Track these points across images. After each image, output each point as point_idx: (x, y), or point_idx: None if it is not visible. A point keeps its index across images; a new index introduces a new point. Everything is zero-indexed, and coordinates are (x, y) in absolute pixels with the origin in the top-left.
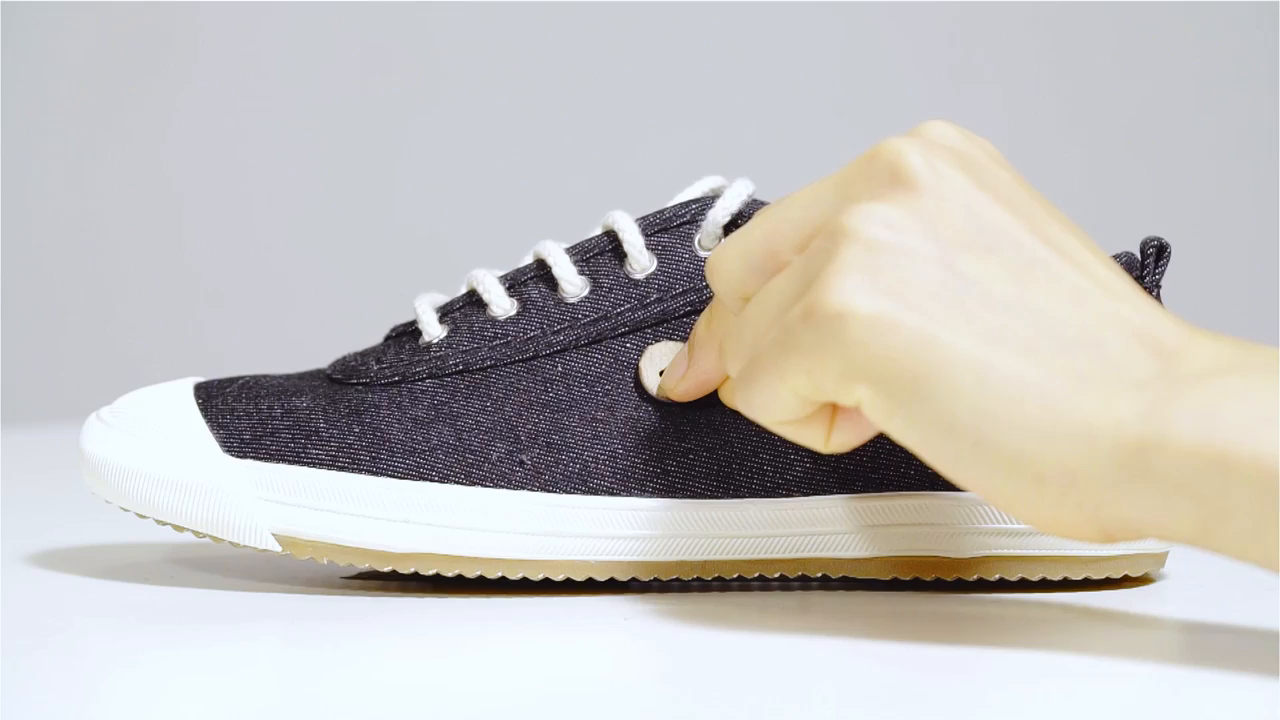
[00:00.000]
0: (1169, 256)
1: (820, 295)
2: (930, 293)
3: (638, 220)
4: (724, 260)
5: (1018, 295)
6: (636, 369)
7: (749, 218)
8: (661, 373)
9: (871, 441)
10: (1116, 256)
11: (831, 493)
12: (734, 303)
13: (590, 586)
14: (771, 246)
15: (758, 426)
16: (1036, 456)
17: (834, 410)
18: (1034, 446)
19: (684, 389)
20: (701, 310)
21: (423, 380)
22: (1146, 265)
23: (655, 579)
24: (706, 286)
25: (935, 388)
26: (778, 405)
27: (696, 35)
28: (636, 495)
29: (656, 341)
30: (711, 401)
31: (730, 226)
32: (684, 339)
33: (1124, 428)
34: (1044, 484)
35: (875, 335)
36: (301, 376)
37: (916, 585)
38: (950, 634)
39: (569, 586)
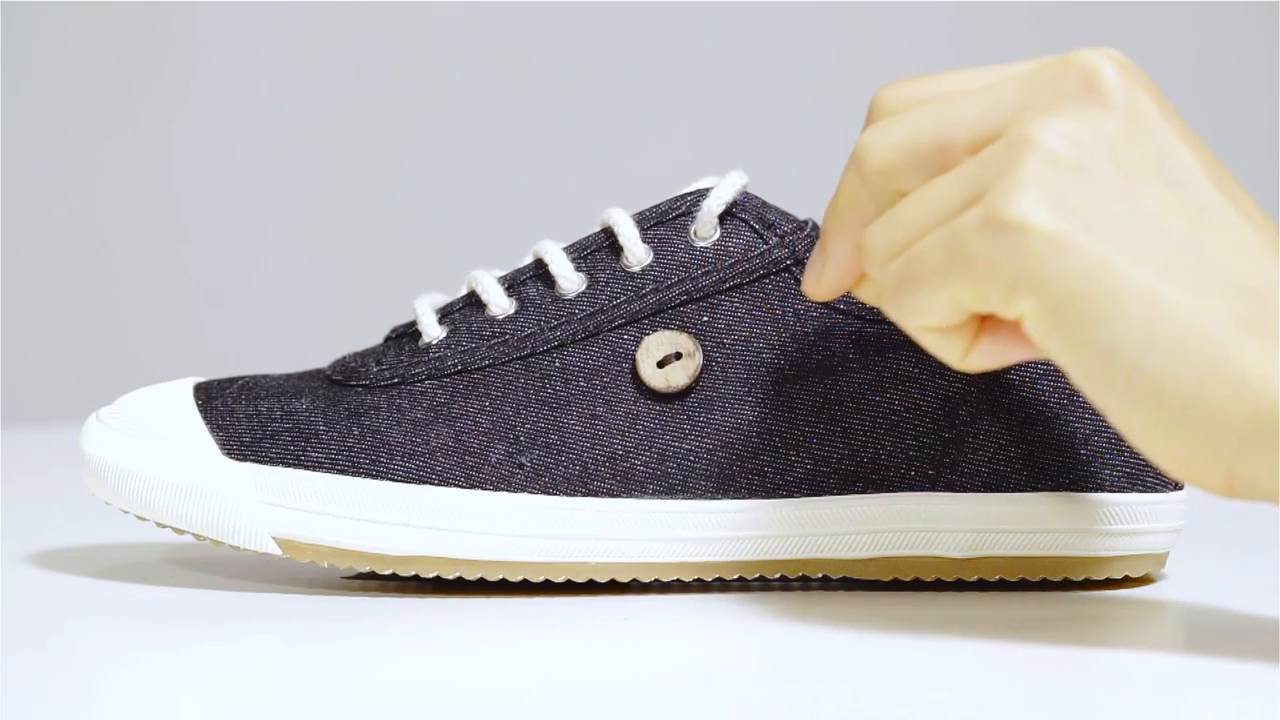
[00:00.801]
0: None
1: (1001, 204)
2: (1109, 218)
3: (634, 215)
4: (882, 147)
5: (1189, 235)
6: (634, 360)
7: (743, 207)
8: (660, 364)
9: (872, 442)
10: None
11: (832, 493)
12: (882, 192)
13: (590, 587)
14: (941, 142)
15: (758, 427)
16: (1188, 394)
17: (979, 326)
18: (1189, 384)
19: (827, 286)
20: (697, 298)
21: (422, 381)
22: None
23: (655, 580)
24: (702, 274)
25: (1105, 312)
26: (931, 311)
27: (696, 35)
28: (636, 497)
29: (653, 332)
30: (711, 402)
31: (725, 216)
32: (680, 328)
33: (1270, 383)
34: (1187, 423)
35: (1054, 252)
36: (301, 377)
37: (917, 586)
38: (950, 635)
39: (569, 587)
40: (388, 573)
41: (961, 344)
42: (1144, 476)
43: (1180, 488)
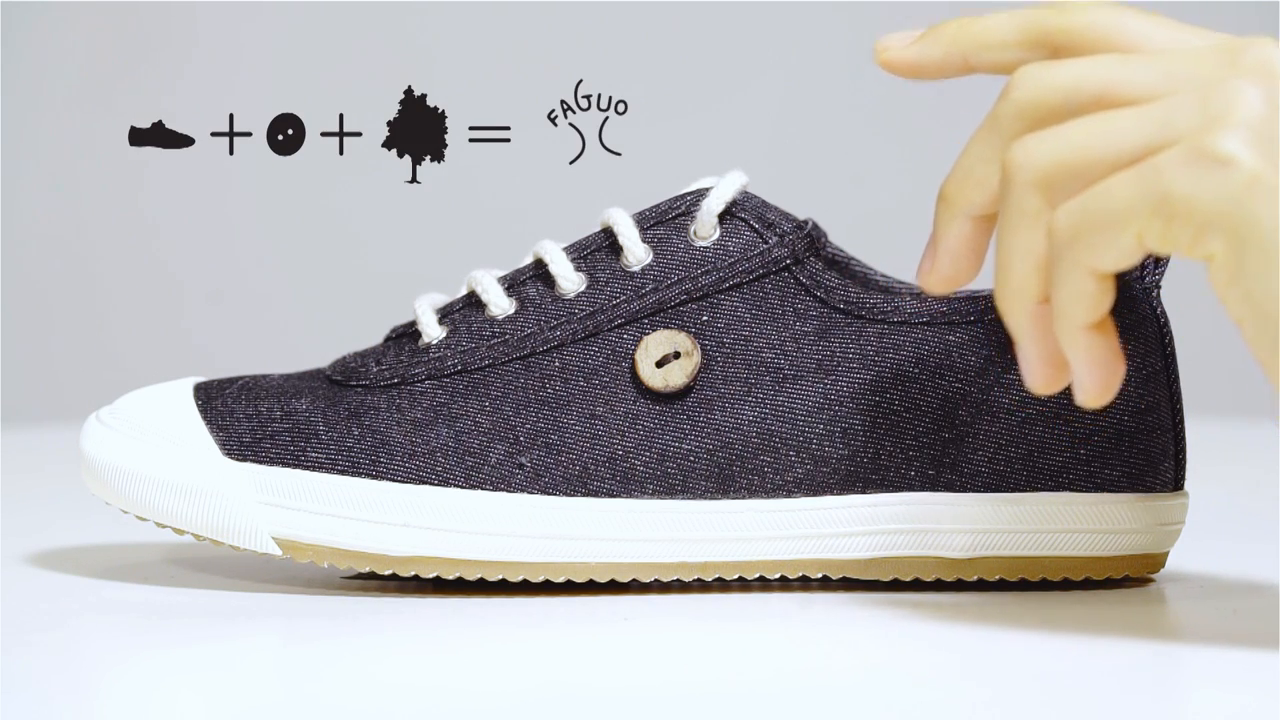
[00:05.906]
0: (1168, 259)
1: (1210, 139)
2: None
3: (634, 215)
4: (1043, 82)
5: None
6: (633, 360)
7: (743, 206)
8: (659, 363)
9: (872, 442)
10: None
11: (831, 493)
12: (1017, 133)
13: (590, 587)
14: (1104, 95)
15: (757, 427)
16: None
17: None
18: None
19: (940, 274)
20: (696, 298)
21: (421, 381)
22: (1146, 267)
23: (655, 580)
24: (702, 274)
25: None
26: (1113, 249)
27: (696, 34)
28: (636, 497)
29: (653, 331)
30: (711, 401)
31: (724, 215)
32: (680, 328)
33: None
34: None
35: (1255, 191)
36: (301, 377)
37: (917, 586)
38: (950, 635)
39: (569, 587)
40: (388, 573)
41: (1109, 301)
42: (1144, 476)
43: (1180, 487)
